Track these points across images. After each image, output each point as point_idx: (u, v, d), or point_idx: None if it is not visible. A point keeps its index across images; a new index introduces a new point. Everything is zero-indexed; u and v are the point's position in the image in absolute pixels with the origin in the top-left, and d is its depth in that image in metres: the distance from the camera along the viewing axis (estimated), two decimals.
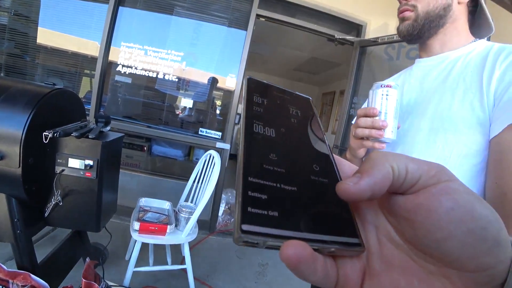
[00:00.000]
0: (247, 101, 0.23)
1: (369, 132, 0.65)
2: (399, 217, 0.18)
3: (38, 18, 2.59)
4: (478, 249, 0.15)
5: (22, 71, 2.63)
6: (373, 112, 0.65)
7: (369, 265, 0.19)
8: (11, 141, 0.99)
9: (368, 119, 0.66)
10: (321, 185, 0.20)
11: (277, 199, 0.17)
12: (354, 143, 0.72)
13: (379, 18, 2.78)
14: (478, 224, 0.15)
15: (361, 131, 0.67)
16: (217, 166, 1.64)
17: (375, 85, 0.69)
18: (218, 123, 2.82)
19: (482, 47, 0.67)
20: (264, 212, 0.16)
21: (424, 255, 0.17)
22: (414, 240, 0.17)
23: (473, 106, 0.60)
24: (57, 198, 1.14)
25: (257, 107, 0.23)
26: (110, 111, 2.68)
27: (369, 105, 0.69)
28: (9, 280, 1.06)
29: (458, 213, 0.15)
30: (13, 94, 1.05)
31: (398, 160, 0.17)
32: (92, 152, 1.16)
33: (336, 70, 5.27)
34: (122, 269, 1.78)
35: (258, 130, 0.21)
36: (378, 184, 0.17)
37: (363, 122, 0.66)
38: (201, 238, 2.53)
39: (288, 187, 0.18)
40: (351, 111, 2.77)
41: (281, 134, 0.22)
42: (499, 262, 0.15)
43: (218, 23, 2.66)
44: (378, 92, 0.67)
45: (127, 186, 2.51)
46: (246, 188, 0.16)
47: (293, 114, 0.25)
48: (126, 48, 2.60)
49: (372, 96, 0.68)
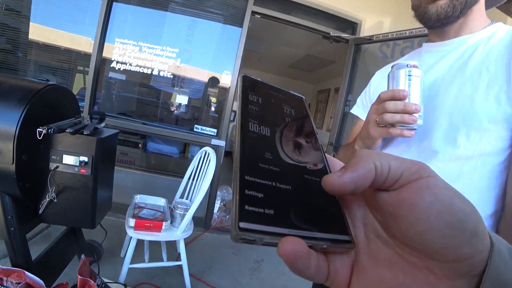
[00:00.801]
0: (243, 100, 0.23)
1: (401, 117, 0.56)
2: (384, 213, 0.19)
3: (30, 13, 2.55)
4: (456, 240, 0.16)
5: (14, 67, 2.59)
6: (403, 95, 0.56)
7: (357, 260, 0.20)
8: (4, 138, 0.98)
9: (399, 102, 0.57)
10: (314, 183, 0.20)
11: (273, 197, 0.18)
12: (377, 131, 0.62)
13: (374, 16, 2.79)
14: (456, 217, 0.16)
15: (391, 117, 0.57)
16: (212, 163, 1.64)
17: (397, 65, 0.61)
18: (213, 120, 2.81)
19: (503, 32, 0.61)
20: (261, 210, 0.16)
21: (408, 249, 0.18)
22: (398, 234, 0.18)
23: (499, 99, 0.55)
24: (51, 195, 1.13)
25: (252, 105, 0.23)
26: (104, 108, 2.66)
27: (391, 87, 0.61)
28: (3, 277, 1.05)
29: (438, 207, 0.16)
30: (5, 90, 1.04)
31: (381, 158, 0.19)
32: (87, 149, 1.15)
33: (331, 68, 5.29)
34: (117, 266, 1.78)
35: (253, 129, 0.21)
36: (361, 179, 0.18)
37: (392, 106, 0.57)
38: (197, 235, 2.53)
39: (283, 186, 0.19)
40: (345, 108, 2.79)
41: (276, 133, 0.22)
42: (477, 252, 0.16)
43: (213, 19, 2.65)
44: (401, 73, 0.59)
45: (122, 183, 2.49)
46: (243, 186, 0.17)
47: (287, 113, 0.25)
48: (120, 44, 2.58)
49: (394, 77, 0.60)
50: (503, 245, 0.18)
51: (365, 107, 0.86)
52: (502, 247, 0.17)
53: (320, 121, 6.38)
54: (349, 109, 2.75)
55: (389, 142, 0.72)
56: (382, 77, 0.83)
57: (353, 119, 0.95)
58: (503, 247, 0.17)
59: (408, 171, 0.18)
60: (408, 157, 0.40)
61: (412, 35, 2.18)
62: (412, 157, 0.55)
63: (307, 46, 4.36)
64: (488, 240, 0.17)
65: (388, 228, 0.19)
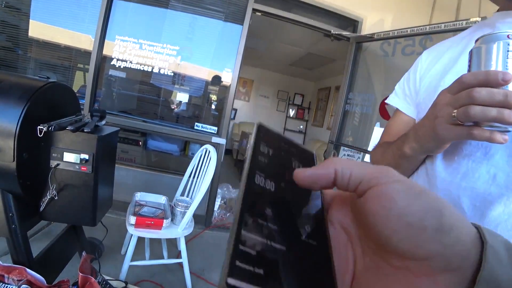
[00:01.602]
0: (253, 149, 0.22)
1: (498, 112, 0.37)
2: (362, 224, 0.20)
3: (30, 11, 2.54)
4: (420, 238, 0.17)
5: (14, 65, 2.59)
6: (503, 79, 0.37)
7: (356, 275, 0.21)
8: (4, 135, 0.98)
9: (497, 90, 0.38)
10: (309, 247, 0.20)
11: (266, 257, 0.17)
12: (452, 131, 0.43)
13: (376, 14, 2.78)
14: (415, 216, 0.17)
15: (482, 111, 0.38)
16: (213, 160, 1.64)
17: (487, 36, 0.41)
18: (214, 118, 2.81)
19: None
20: (251, 268, 0.16)
21: (388, 254, 0.19)
22: (376, 241, 0.19)
23: None
24: (52, 193, 1.13)
25: (262, 157, 0.22)
26: (105, 105, 2.66)
27: (476, 69, 0.42)
28: (5, 274, 1.06)
29: (396, 211, 0.17)
30: (6, 88, 1.04)
31: (344, 164, 0.20)
32: (87, 146, 1.15)
33: (332, 66, 5.28)
34: (118, 264, 1.78)
35: (259, 182, 0.21)
36: (318, 177, 0.21)
37: (486, 96, 0.38)
38: (197, 232, 2.54)
39: (277, 246, 0.18)
40: (346, 107, 2.79)
41: (281, 189, 0.22)
42: (445, 246, 0.17)
43: (214, 17, 2.64)
44: (495, 48, 0.40)
45: (122, 180, 2.50)
46: (238, 241, 0.17)
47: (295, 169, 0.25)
48: (121, 42, 2.57)
49: (483, 54, 0.41)
50: (498, 242, 0.18)
51: (407, 97, 0.68)
52: (497, 244, 0.17)
53: (320, 119, 6.37)
54: (350, 108, 2.76)
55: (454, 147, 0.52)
56: (435, 57, 0.62)
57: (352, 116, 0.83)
58: (497, 243, 0.17)
59: (368, 176, 0.19)
60: (490, 171, 0.41)
61: (414, 33, 2.18)
62: (497, 172, 0.46)
63: (308, 44, 4.35)
64: (468, 232, 0.18)
65: (369, 237, 0.20)
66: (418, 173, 0.60)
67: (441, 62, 0.60)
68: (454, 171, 0.51)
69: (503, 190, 0.46)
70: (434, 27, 2.01)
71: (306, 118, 7.25)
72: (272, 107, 7.20)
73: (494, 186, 0.47)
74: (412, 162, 0.58)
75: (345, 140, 2.82)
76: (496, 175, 0.47)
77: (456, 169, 0.51)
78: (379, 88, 2.58)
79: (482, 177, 0.48)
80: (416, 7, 2.80)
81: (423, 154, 0.55)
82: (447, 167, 0.53)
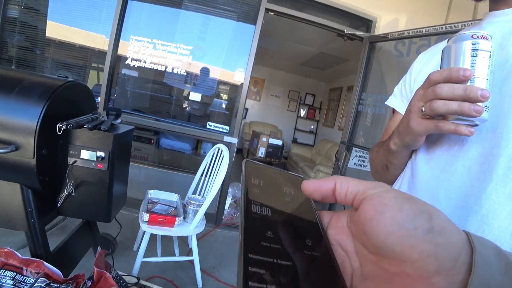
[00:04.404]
0: (246, 183, 0.25)
1: (458, 106, 0.41)
2: (360, 234, 0.21)
3: (47, 12, 2.61)
4: (412, 239, 0.18)
5: (32, 64, 2.67)
6: (463, 75, 0.41)
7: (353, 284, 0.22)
8: (26, 132, 1.01)
9: (458, 85, 0.41)
10: (314, 259, 0.21)
11: (274, 274, 0.18)
12: (421, 124, 0.47)
13: (390, 13, 2.75)
14: (406, 218, 0.18)
15: (444, 104, 0.42)
16: (225, 160, 1.65)
17: (457, 36, 0.45)
18: (226, 117, 2.83)
19: None
20: (263, 286, 0.17)
21: (386, 260, 0.19)
22: (373, 249, 0.20)
23: None
24: (69, 189, 1.16)
25: (254, 188, 0.25)
26: (119, 104, 2.71)
27: (446, 66, 0.45)
28: (23, 267, 1.09)
29: (389, 214, 0.19)
30: (27, 86, 1.07)
31: (343, 179, 0.23)
32: (104, 144, 1.18)
33: (344, 66, 5.23)
34: (130, 259, 1.81)
35: (255, 210, 0.23)
36: (321, 187, 0.24)
37: (448, 90, 0.42)
38: (207, 231, 2.56)
39: (284, 262, 0.20)
40: (359, 107, 2.76)
41: (276, 213, 0.24)
42: (437, 246, 0.17)
43: (226, 17, 2.66)
44: (462, 47, 0.43)
45: (135, 178, 2.54)
46: (247, 264, 0.18)
47: (286, 193, 0.27)
48: (135, 42, 2.61)
49: (452, 53, 0.44)
50: (488, 248, 0.18)
51: (404, 98, 0.71)
52: (485, 249, 0.18)
53: (332, 120, 6.33)
54: (362, 108, 2.73)
55: (436, 142, 0.55)
56: (428, 59, 0.66)
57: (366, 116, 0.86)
58: (486, 249, 0.18)
59: (363, 189, 0.22)
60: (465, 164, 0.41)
61: (429, 33, 2.14)
62: (472, 165, 0.48)
63: (320, 43, 4.32)
64: (458, 235, 0.19)
65: (367, 246, 0.21)
66: (405, 169, 0.62)
67: (432, 63, 0.62)
68: (435, 165, 0.54)
69: (475, 182, 0.48)
70: (450, 27, 1.97)
71: (317, 118, 7.20)
72: (283, 106, 7.19)
73: (468, 178, 0.49)
74: (398, 157, 0.61)
75: (356, 141, 2.79)
76: (470, 167, 0.48)
77: (437, 163, 0.53)
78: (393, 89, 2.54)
79: (458, 170, 0.50)
80: (431, 7, 2.75)
81: (405, 149, 0.57)
82: (428, 161, 0.55)
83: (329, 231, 0.24)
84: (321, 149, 5.74)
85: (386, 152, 0.63)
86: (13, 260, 1.08)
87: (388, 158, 0.63)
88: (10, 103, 1.03)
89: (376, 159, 0.70)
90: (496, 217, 0.45)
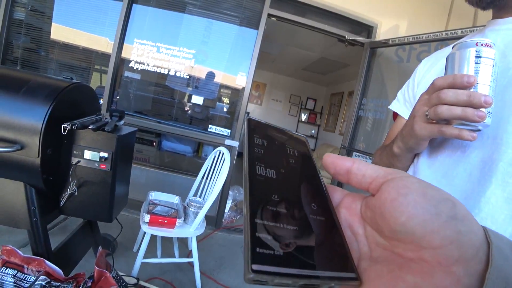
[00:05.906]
0: (249, 143, 0.24)
1: (462, 111, 0.42)
2: (375, 216, 0.21)
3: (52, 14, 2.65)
4: (435, 224, 0.17)
5: (37, 65, 2.70)
6: (467, 81, 0.42)
7: (359, 267, 0.21)
8: (31, 132, 1.03)
9: (462, 91, 0.43)
10: (319, 223, 0.22)
11: (281, 239, 0.19)
12: (425, 128, 0.49)
13: (391, 19, 2.77)
14: (430, 203, 0.18)
15: (448, 110, 0.43)
16: (226, 163, 1.67)
17: (461, 43, 0.46)
18: (227, 121, 2.85)
19: None
20: (271, 252, 0.17)
21: (401, 244, 0.19)
22: (389, 232, 0.20)
23: None
24: (72, 188, 1.18)
25: (258, 148, 0.24)
26: (122, 106, 2.73)
27: (451, 72, 0.46)
28: (24, 265, 1.10)
29: (413, 197, 0.19)
30: (33, 87, 1.09)
31: (361, 162, 0.23)
32: (107, 145, 1.19)
33: (345, 71, 5.26)
34: (130, 260, 1.82)
35: (260, 172, 0.22)
36: (337, 163, 0.24)
37: (452, 96, 0.43)
38: (207, 233, 2.57)
39: (290, 227, 0.20)
40: (359, 112, 2.77)
41: (281, 175, 0.24)
42: (460, 233, 0.17)
43: (229, 21, 2.69)
44: (466, 54, 0.44)
45: (136, 179, 2.55)
46: (253, 229, 0.18)
47: (290, 154, 0.27)
48: (139, 45, 2.65)
49: (456, 59, 0.46)
50: (504, 241, 0.18)
51: (407, 103, 0.72)
52: (502, 243, 0.18)
53: (332, 125, 6.34)
54: (363, 113, 2.74)
55: (438, 147, 0.56)
56: (432, 65, 0.67)
57: None
58: (502, 243, 0.18)
59: (383, 174, 0.21)
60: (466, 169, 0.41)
61: (429, 39, 2.16)
62: (473, 170, 0.50)
63: (321, 48, 4.36)
64: (471, 222, 0.18)
65: (380, 230, 0.20)
66: (407, 172, 0.63)
67: (436, 68, 0.63)
68: (437, 169, 0.55)
69: (475, 186, 0.49)
70: (451, 33, 1.99)
71: (318, 123, 7.22)
72: (284, 111, 7.21)
73: (469, 183, 0.50)
74: (401, 161, 0.62)
75: (357, 146, 2.81)
76: (471, 172, 0.50)
77: (439, 167, 0.55)
78: (393, 94, 2.54)
79: (459, 175, 0.51)
80: (432, 13, 2.77)
81: (409, 153, 0.58)
82: (430, 166, 0.57)
83: (341, 209, 0.24)
84: (322, 154, 5.75)
85: (390, 156, 0.64)
86: (15, 258, 1.10)
87: (391, 161, 0.65)
88: (16, 103, 1.05)
89: (379, 162, 0.71)
90: (495, 220, 0.46)
